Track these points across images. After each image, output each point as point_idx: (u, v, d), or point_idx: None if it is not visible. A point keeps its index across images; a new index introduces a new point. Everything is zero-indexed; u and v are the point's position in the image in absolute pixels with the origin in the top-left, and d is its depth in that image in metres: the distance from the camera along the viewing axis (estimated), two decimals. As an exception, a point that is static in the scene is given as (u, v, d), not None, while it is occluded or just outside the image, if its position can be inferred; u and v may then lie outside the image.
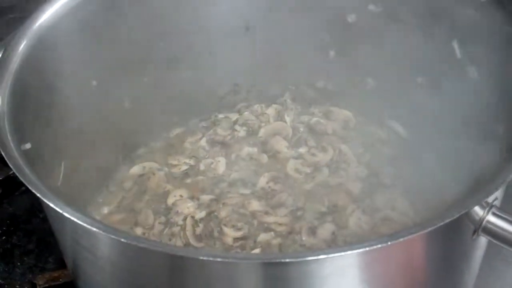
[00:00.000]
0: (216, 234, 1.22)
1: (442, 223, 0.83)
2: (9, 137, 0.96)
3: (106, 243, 0.87)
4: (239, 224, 1.22)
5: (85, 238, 0.90)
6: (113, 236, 0.81)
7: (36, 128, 1.08)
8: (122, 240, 0.80)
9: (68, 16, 1.16)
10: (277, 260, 0.79)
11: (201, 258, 0.78)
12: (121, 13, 1.24)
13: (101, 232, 0.82)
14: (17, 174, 0.89)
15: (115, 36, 1.24)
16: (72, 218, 0.83)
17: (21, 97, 1.05)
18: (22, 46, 1.09)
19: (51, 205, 0.85)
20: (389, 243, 0.80)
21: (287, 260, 0.79)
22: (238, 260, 0.81)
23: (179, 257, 0.81)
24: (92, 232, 0.83)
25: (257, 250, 1.18)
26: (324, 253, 0.79)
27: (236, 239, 1.21)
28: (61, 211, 0.84)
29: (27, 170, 0.91)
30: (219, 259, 0.78)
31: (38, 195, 0.86)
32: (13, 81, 1.05)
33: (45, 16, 1.13)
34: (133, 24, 1.26)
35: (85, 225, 0.82)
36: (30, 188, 0.87)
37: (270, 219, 1.23)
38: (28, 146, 1.00)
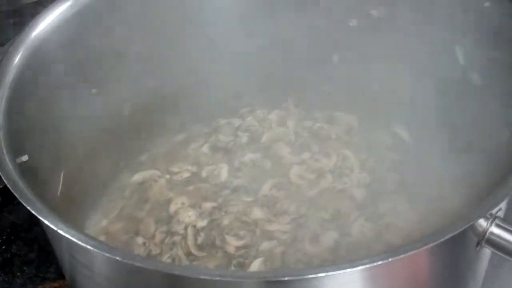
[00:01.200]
0: (218, 243, 1.21)
1: (445, 238, 0.81)
2: (4, 151, 0.95)
3: (102, 260, 0.86)
4: (242, 233, 1.21)
5: (81, 254, 0.89)
6: (108, 255, 0.80)
7: (35, 138, 1.07)
8: (117, 258, 0.79)
9: (65, 25, 1.15)
10: (277, 279, 0.78)
11: (199, 277, 0.77)
12: (120, 20, 1.23)
13: (96, 250, 0.80)
14: (12, 190, 0.88)
15: (114, 43, 1.23)
16: (67, 235, 0.82)
17: (18, 108, 1.04)
18: (19, 56, 1.08)
19: (46, 222, 0.84)
20: (390, 259, 0.79)
21: (286, 278, 0.77)
22: (236, 279, 0.80)
23: (176, 275, 0.79)
24: (88, 249, 0.82)
25: (259, 260, 1.16)
26: (324, 271, 0.77)
27: (238, 248, 1.19)
28: (55, 228, 0.83)
29: (21, 185, 0.90)
30: (217, 278, 0.77)
31: (32, 211, 0.85)
32: (10, 92, 1.04)
33: (42, 26, 1.12)
34: (132, 31, 1.25)
35: (80, 242, 0.81)
36: (24, 204, 0.86)
37: (272, 227, 1.22)
38: (25, 158, 0.99)
